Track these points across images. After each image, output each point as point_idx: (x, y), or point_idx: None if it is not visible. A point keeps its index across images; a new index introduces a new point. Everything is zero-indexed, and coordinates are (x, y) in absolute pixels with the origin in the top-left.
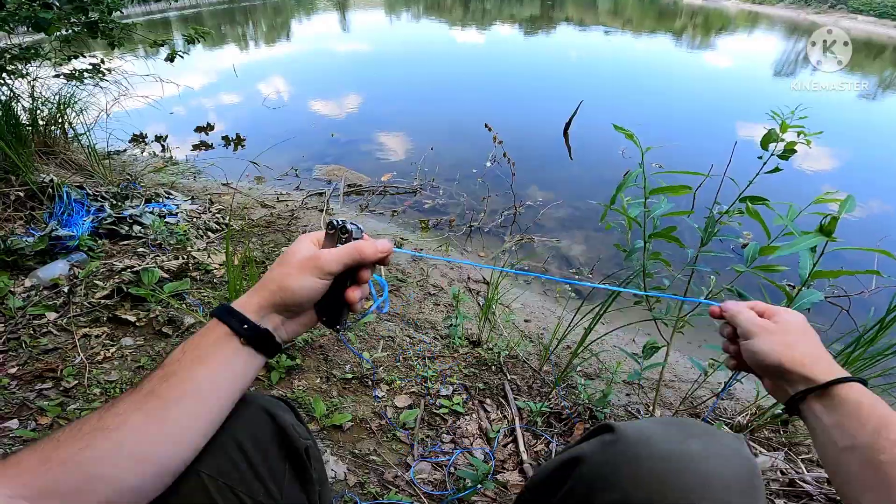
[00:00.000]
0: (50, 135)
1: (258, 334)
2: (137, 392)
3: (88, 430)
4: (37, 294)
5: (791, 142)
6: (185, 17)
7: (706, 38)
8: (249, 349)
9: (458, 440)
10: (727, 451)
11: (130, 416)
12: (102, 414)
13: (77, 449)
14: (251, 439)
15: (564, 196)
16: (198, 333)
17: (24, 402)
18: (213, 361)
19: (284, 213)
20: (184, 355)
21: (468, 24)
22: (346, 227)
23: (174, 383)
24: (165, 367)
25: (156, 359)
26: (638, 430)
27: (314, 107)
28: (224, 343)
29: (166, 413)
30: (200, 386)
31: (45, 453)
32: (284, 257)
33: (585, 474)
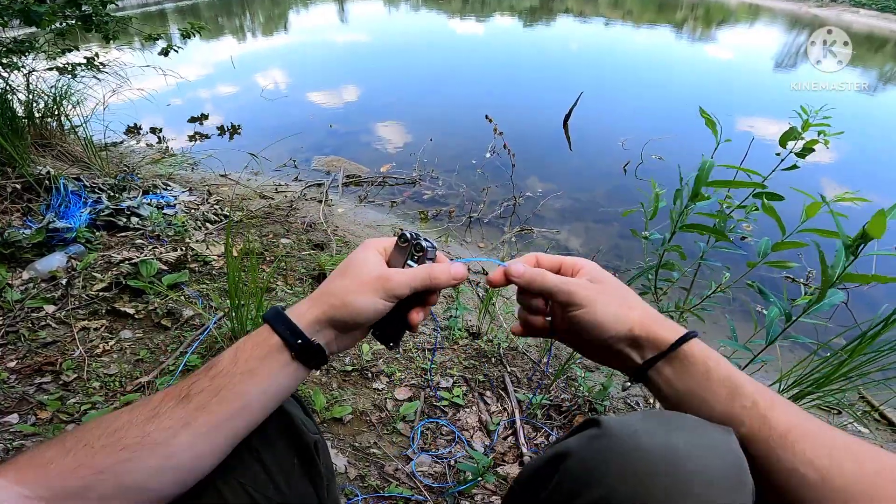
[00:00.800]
0: (46, 127)
1: (311, 350)
2: (185, 403)
3: (132, 442)
4: (35, 287)
5: (811, 140)
6: (182, 9)
7: (707, 31)
8: (298, 363)
9: (459, 432)
10: (714, 445)
11: (180, 432)
12: (145, 424)
13: (118, 460)
14: (260, 434)
15: (564, 187)
16: (249, 339)
17: (23, 397)
18: (263, 375)
19: (283, 203)
20: (234, 367)
21: (467, 15)
22: (422, 244)
23: (224, 398)
24: (214, 379)
25: (155, 351)
26: (624, 425)
27: (312, 98)
28: (275, 355)
29: (217, 430)
30: (249, 402)
31: (78, 458)
32: (349, 268)
33: (572, 469)
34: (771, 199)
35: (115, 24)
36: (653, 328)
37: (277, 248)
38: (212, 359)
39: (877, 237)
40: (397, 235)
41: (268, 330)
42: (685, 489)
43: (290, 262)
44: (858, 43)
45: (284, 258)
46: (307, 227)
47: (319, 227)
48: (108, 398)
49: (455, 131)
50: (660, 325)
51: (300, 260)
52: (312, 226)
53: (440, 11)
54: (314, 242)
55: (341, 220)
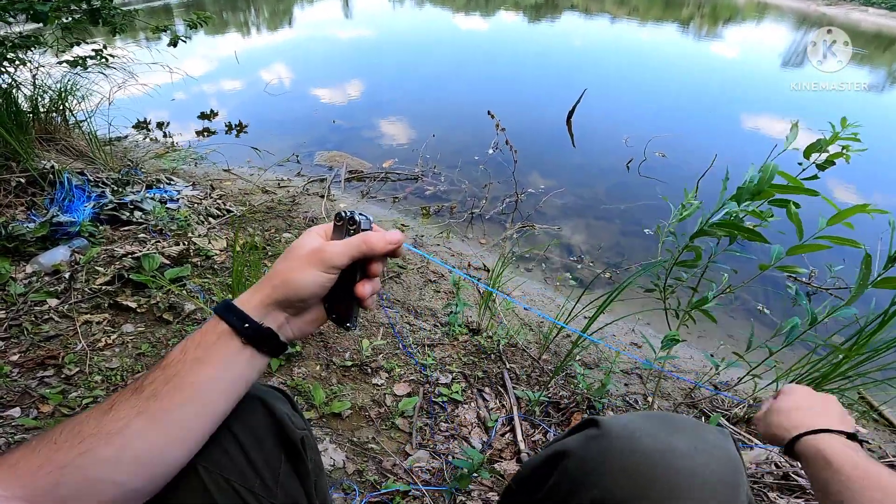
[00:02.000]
0: (51, 122)
1: (260, 334)
2: (138, 394)
3: (88, 434)
4: (38, 280)
5: (834, 154)
6: (187, 4)
7: (713, 28)
8: (251, 349)
9: (456, 429)
10: (711, 447)
11: (132, 420)
12: (101, 417)
13: (77, 453)
14: (247, 430)
15: (566, 184)
16: (199, 330)
17: (25, 390)
18: (215, 362)
19: (286, 198)
20: (185, 355)
21: (472, 11)
22: (355, 217)
23: (176, 385)
24: (166, 369)
25: (156, 345)
26: (623, 426)
27: (316, 93)
28: (225, 342)
29: (168, 416)
30: (202, 388)
31: (43, 455)
32: (290, 251)
33: (570, 469)
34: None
35: (121, 18)
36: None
37: (280, 243)
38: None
39: None
40: (335, 215)
41: (216, 320)
42: (681, 490)
43: None
44: (867, 41)
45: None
46: (309, 221)
47: (321, 221)
48: (110, 392)
49: (458, 127)
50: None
51: None
52: (315, 221)
53: (444, 7)
54: None
55: None
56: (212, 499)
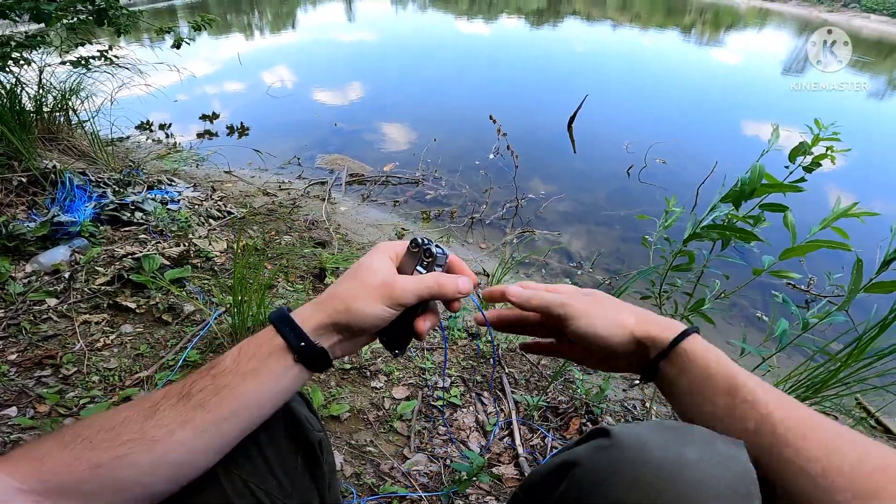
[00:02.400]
0: (54, 121)
1: (315, 354)
2: (185, 401)
3: (129, 438)
4: (37, 280)
5: (819, 155)
6: (191, 6)
7: (715, 35)
8: (301, 366)
9: (455, 432)
10: (724, 458)
11: (177, 430)
12: (144, 421)
13: (115, 456)
14: (265, 431)
15: (567, 190)
16: (252, 341)
17: (22, 390)
18: (265, 376)
19: (286, 201)
20: (237, 366)
21: (474, 16)
22: (431, 249)
23: (224, 398)
24: (216, 378)
25: (155, 346)
26: (633, 436)
27: (318, 96)
28: (278, 357)
29: (214, 429)
30: (249, 401)
31: (75, 453)
32: (358, 273)
33: (579, 479)
34: (776, 210)
35: (127, 19)
36: (650, 329)
37: (280, 246)
38: (214, 358)
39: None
40: (410, 241)
41: (272, 331)
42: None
43: (291, 260)
44: (868, 48)
45: (286, 255)
46: (310, 224)
47: (322, 225)
48: (107, 392)
49: (459, 132)
50: (656, 326)
51: (302, 257)
52: (315, 224)
53: (447, 12)
54: (316, 240)
55: (344, 218)
56: (227, 499)
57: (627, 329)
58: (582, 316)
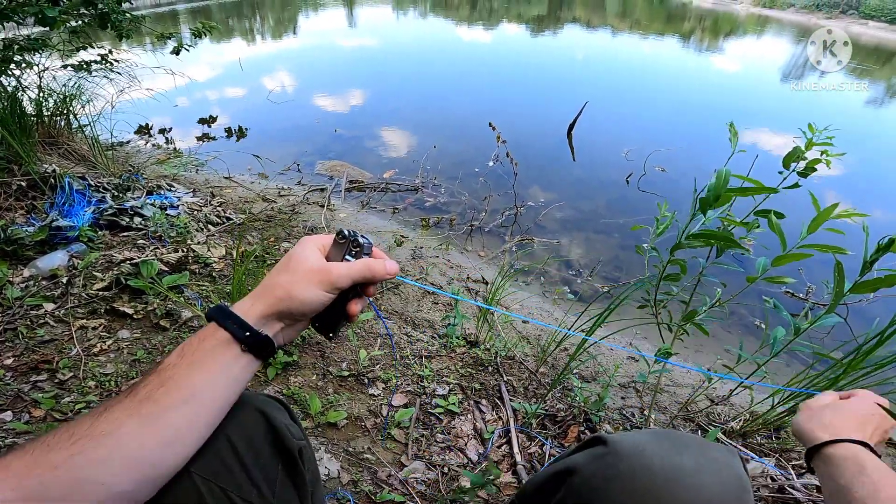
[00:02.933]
0: (54, 125)
1: (260, 342)
2: (132, 397)
3: (81, 436)
4: (35, 284)
5: (813, 160)
6: (194, 11)
7: (714, 42)
8: (249, 355)
9: (453, 440)
10: (719, 465)
11: (125, 421)
12: (95, 419)
13: (69, 454)
14: (244, 440)
15: (566, 197)
16: (195, 337)
17: (18, 394)
18: (211, 367)
19: (286, 207)
20: (181, 360)
21: (475, 23)
22: (358, 240)
23: (171, 388)
24: (161, 373)
25: (152, 352)
26: (630, 444)
27: (318, 102)
28: (223, 348)
29: (162, 418)
30: (197, 392)
31: (34, 457)
32: (291, 263)
33: (577, 487)
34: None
35: (129, 23)
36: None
37: (279, 252)
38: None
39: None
40: (336, 232)
41: (213, 327)
42: None
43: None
44: (867, 55)
45: None
46: (309, 231)
47: (321, 231)
48: (103, 398)
49: (459, 139)
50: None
51: None
52: (314, 230)
53: (448, 18)
54: None
55: (343, 225)
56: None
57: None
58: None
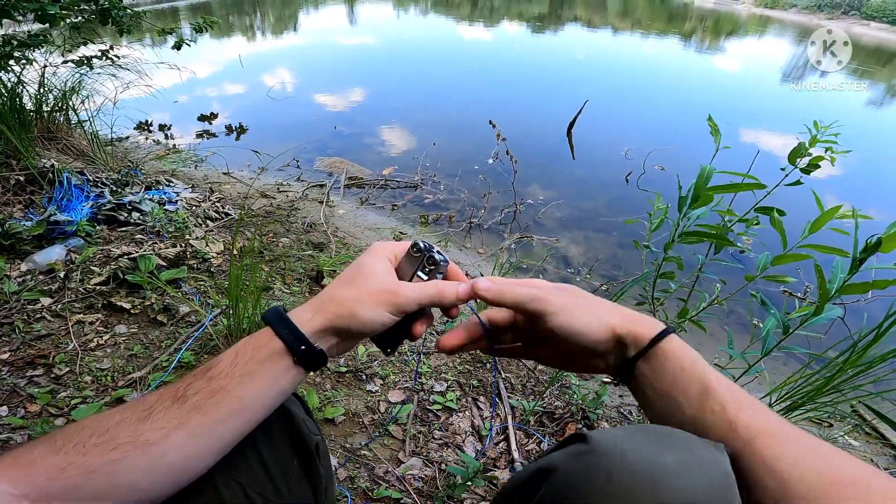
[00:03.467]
0: (53, 121)
1: (314, 357)
2: (179, 404)
3: (124, 441)
4: (32, 279)
5: (816, 157)
6: (194, 7)
7: (715, 42)
8: (299, 367)
9: (450, 437)
10: (703, 463)
11: (173, 432)
12: (138, 424)
13: (110, 460)
14: (263, 434)
15: (565, 196)
16: (250, 341)
17: (14, 389)
18: (263, 378)
19: (284, 203)
20: (233, 369)
21: (475, 21)
22: (435, 257)
23: (221, 400)
24: (212, 381)
25: (149, 347)
26: (611, 441)
27: (318, 99)
28: (276, 359)
29: (210, 431)
30: (246, 404)
31: (68, 458)
32: (359, 276)
33: (556, 486)
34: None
35: (129, 19)
36: (633, 326)
37: (277, 248)
38: (210, 360)
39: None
40: (411, 244)
41: (270, 333)
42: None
43: (288, 262)
44: (868, 55)
45: (283, 258)
46: (307, 227)
47: (320, 227)
48: (100, 393)
49: (458, 136)
50: (640, 323)
51: (299, 260)
52: (313, 226)
53: (449, 16)
54: (314, 243)
55: (342, 221)
56: (222, 502)
57: (609, 325)
58: (561, 311)
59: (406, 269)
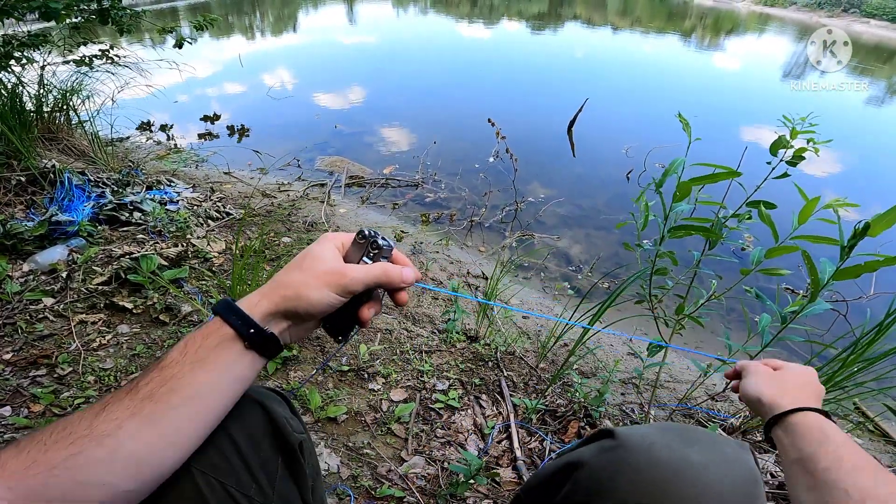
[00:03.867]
0: (54, 121)
1: (265, 339)
2: (133, 395)
3: (80, 435)
4: (34, 279)
5: (800, 148)
6: (193, 7)
7: (715, 39)
8: (253, 353)
9: (453, 435)
10: (728, 459)
11: (126, 421)
12: (94, 418)
13: (68, 454)
14: (244, 433)
15: (566, 194)
16: (199, 332)
17: (17, 389)
18: (215, 364)
19: (286, 203)
20: (184, 357)
21: (475, 20)
22: (378, 241)
23: (173, 387)
24: (163, 370)
25: (151, 347)
26: (639, 437)
27: (318, 98)
28: (227, 346)
29: (164, 418)
30: (200, 390)
31: (31, 456)
32: (305, 262)
33: (583, 480)
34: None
35: (129, 18)
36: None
37: (278, 247)
38: (162, 355)
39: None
40: (357, 232)
41: (218, 322)
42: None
43: (290, 261)
44: (868, 53)
45: (285, 256)
46: (309, 226)
47: (321, 226)
48: (103, 393)
49: (459, 135)
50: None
51: None
52: (314, 225)
53: (448, 15)
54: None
55: (343, 220)
56: (206, 503)
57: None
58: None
59: (353, 256)
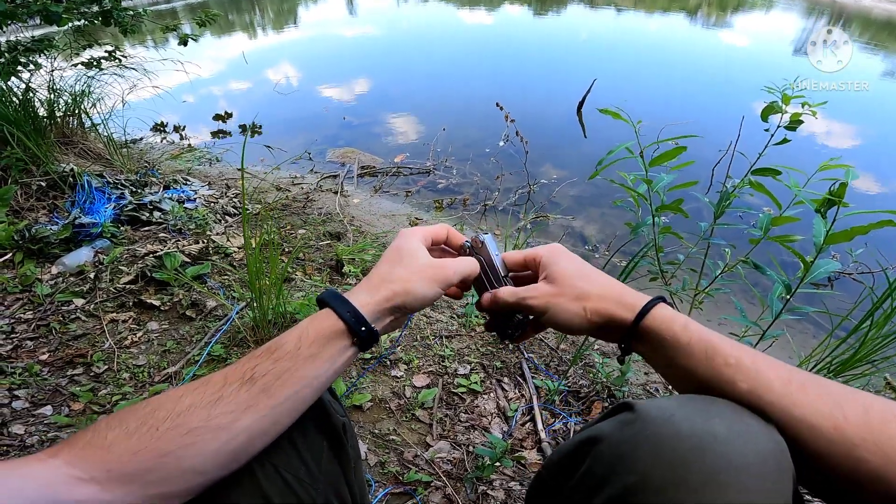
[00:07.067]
0: (68, 125)
1: (372, 337)
2: (248, 385)
3: (196, 426)
4: (63, 281)
5: (796, 112)
6: (192, 6)
7: (721, 17)
8: (355, 348)
9: (476, 419)
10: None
11: (241, 415)
12: (209, 408)
13: (182, 444)
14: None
15: (579, 174)
16: (313, 323)
17: (56, 388)
18: (324, 359)
19: (300, 195)
20: (298, 350)
21: (477, 5)
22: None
23: (287, 381)
24: (278, 361)
25: (181, 342)
26: (659, 409)
27: (325, 91)
28: (336, 340)
29: (275, 414)
30: (308, 384)
31: (142, 441)
32: (403, 257)
33: (604, 454)
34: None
35: (132, 19)
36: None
37: (295, 239)
38: (273, 340)
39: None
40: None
41: (331, 315)
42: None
43: (308, 253)
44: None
45: (302, 248)
46: (324, 217)
47: (336, 217)
48: (138, 388)
49: (468, 121)
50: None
51: (318, 250)
52: (329, 216)
53: (449, 2)
54: (331, 233)
55: (357, 210)
56: (259, 485)
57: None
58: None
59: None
